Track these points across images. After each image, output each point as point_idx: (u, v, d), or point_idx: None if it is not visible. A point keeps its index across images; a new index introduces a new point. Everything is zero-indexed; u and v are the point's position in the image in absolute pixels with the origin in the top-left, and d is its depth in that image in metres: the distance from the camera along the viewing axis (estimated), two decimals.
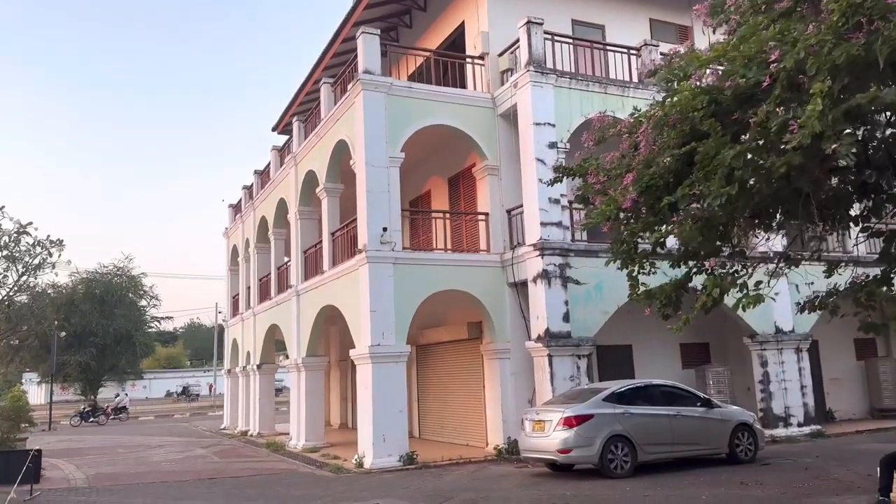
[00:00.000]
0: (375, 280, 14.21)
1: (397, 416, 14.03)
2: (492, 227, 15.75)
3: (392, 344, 14.16)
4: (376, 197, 14.53)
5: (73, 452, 19.70)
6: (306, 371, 18.49)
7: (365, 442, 13.99)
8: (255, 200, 24.86)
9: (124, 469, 15.34)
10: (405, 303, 14.46)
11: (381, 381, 13.96)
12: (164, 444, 22.02)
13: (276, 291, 21.71)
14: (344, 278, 15.69)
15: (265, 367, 23.48)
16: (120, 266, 65.22)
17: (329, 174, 17.09)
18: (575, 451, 11.01)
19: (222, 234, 30.53)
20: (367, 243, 14.27)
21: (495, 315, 15.26)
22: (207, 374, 79.94)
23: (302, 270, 19.20)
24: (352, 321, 15.27)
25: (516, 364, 15.19)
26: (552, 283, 14.17)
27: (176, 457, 17.75)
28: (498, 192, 15.85)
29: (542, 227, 14.32)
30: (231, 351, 28.10)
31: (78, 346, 60.33)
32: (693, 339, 17.65)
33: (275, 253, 22.30)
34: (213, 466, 15.47)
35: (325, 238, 17.18)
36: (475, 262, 15.40)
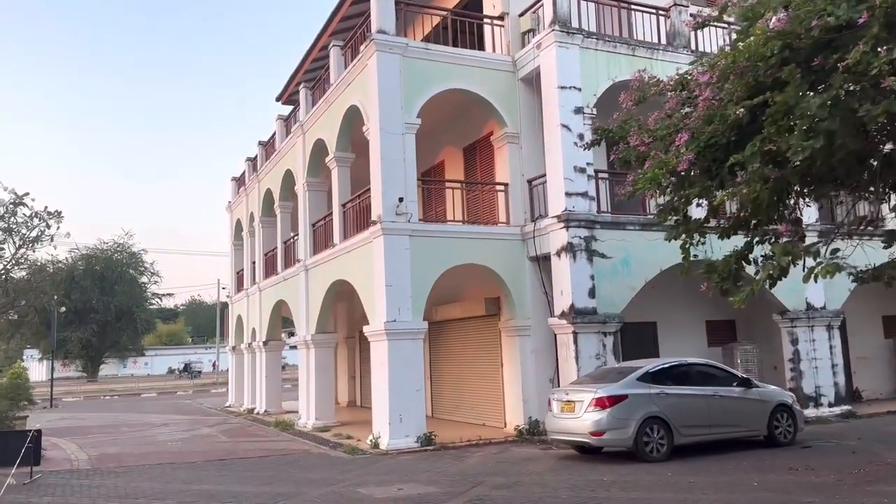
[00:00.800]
0: (391, 253, 13.48)
1: (414, 395, 13.39)
2: (511, 199, 14.98)
3: (408, 320, 13.47)
4: (391, 165, 13.75)
5: (75, 431, 19.13)
6: (316, 348, 17.84)
7: (380, 422, 13.37)
8: (259, 173, 24.04)
9: (129, 449, 14.74)
10: (422, 277, 13.75)
11: (398, 359, 13.30)
12: (169, 422, 21.47)
13: (283, 266, 21.00)
14: (356, 252, 14.97)
15: (271, 344, 22.84)
16: (120, 242, 64.76)
17: (339, 143, 16.27)
18: (608, 434, 10.36)
19: (225, 209, 29.74)
20: (381, 214, 13.51)
21: (515, 290, 14.56)
22: (209, 350, 79.59)
23: (310, 244, 18.47)
24: (365, 297, 14.58)
25: (537, 342, 14.52)
26: (577, 257, 13.43)
27: (182, 436, 17.17)
28: (518, 161, 15.06)
29: (567, 197, 13.56)
30: (235, 327, 27.47)
31: (79, 323, 59.97)
32: (719, 316, 16.99)
33: (281, 227, 21.55)
34: (221, 446, 14.87)
35: (336, 210, 16.42)
36: (494, 235, 14.66)
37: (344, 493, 8.90)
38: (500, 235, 14.68)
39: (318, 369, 17.80)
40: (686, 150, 7.47)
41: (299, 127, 18.92)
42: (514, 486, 8.90)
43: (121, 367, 73.37)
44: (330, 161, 16.63)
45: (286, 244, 21.19)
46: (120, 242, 64.55)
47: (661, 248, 14.23)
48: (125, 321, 63.03)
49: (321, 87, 18.11)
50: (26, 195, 18.02)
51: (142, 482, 10.44)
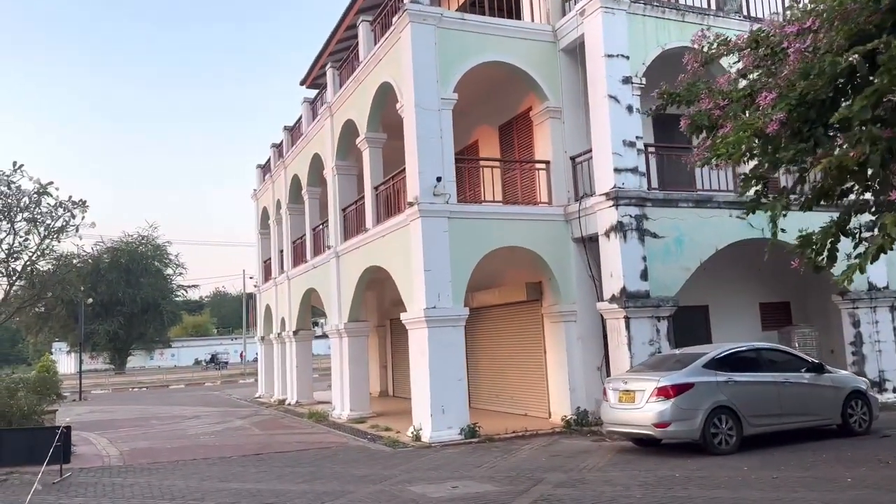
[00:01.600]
0: (429, 236, 12.78)
1: (456, 384, 12.72)
2: (554, 177, 14.19)
3: (449, 306, 12.78)
4: (427, 143, 13.02)
5: (105, 425, 18.76)
6: (349, 337, 17.24)
7: (421, 413, 12.73)
8: (285, 158, 23.43)
9: (161, 443, 14.27)
10: (462, 261, 13.04)
11: (438, 347, 12.63)
12: (200, 414, 21.06)
13: (313, 254, 20.41)
14: (391, 236, 14.29)
15: (301, 334, 22.31)
16: (144, 235, 64.88)
17: (370, 122, 15.56)
18: (673, 426, 9.60)
19: (251, 197, 29.23)
20: (418, 195, 12.80)
21: (559, 274, 13.80)
22: (235, 342, 79.83)
23: (341, 230, 17.84)
24: (402, 283, 13.91)
25: (583, 328, 13.77)
26: (628, 237, 12.63)
27: (214, 429, 16.69)
28: (561, 137, 14.24)
29: (616, 173, 12.74)
30: (264, 317, 27.01)
31: (105, 316, 60.26)
32: (773, 298, 16.09)
33: (309, 213, 20.93)
34: (255, 440, 14.35)
35: (368, 193, 15.74)
36: (536, 216, 13.89)
37: (395, 493, 8.26)
38: (542, 216, 13.91)
39: (352, 359, 17.21)
40: (774, 109, 6.63)
41: (327, 109, 18.24)
42: (578, 483, 8.19)
43: (148, 358, 73.77)
44: (360, 142, 15.93)
45: (315, 231, 20.58)
46: (144, 235, 64.72)
47: (716, 227, 13.48)
48: (151, 313, 63.27)
49: (349, 67, 17.39)
50: (50, 184, 17.49)
51: (176, 480, 9.90)
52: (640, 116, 13.15)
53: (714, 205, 13.50)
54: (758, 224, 13.79)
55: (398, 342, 23.42)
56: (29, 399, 11.82)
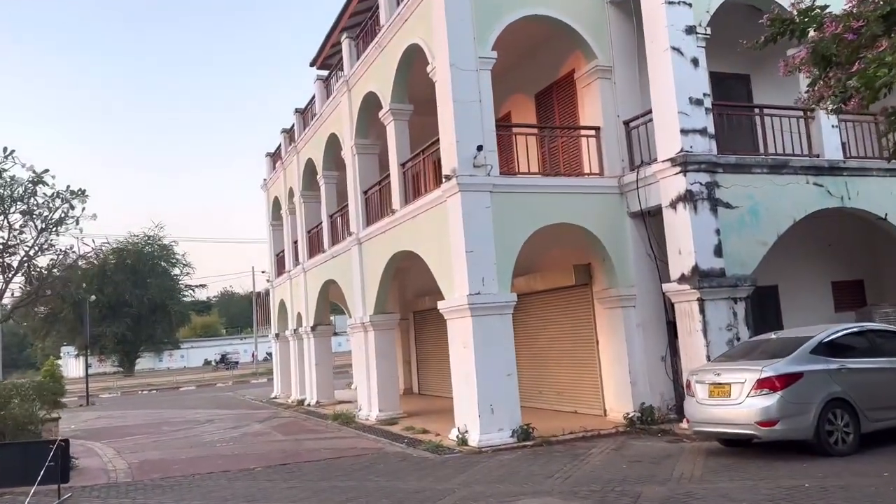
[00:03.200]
0: (470, 213, 11.27)
1: (506, 380, 11.23)
2: (605, 145, 12.64)
3: (495, 292, 11.28)
4: (465, 108, 11.49)
5: (113, 432, 17.35)
6: (375, 331, 15.76)
7: (467, 413, 11.24)
8: (297, 143, 21.93)
9: (174, 453, 12.83)
10: (507, 240, 11.54)
11: (485, 339, 11.14)
12: (214, 418, 19.64)
13: (331, 242, 18.92)
14: (423, 216, 12.79)
15: (320, 329, 20.84)
16: (151, 235, 63.57)
17: (395, 92, 14.05)
18: (782, 423, 8.07)
19: (260, 188, 27.77)
20: (456, 168, 11.28)
21: (615, 253, 12.27)
22: (245, 341, 78.61)
23: (363, 214, 16.34)
24: (437, 268, 12.41)
25: (644, 313, 12.26)
26: (699, 208, 11.07)
27: (232, 434, 15.24)
28: (612, 99, 12.69)
29: (683, 135, 11.17)
30: (278, 313, 25.55)
31: (113, 318, 59.00)
32: (845, 276, 14.51)
33: (326, 199, 19.43)
34: (279, 446, 12.88)
35: (394, 171, 14.22)
36: (588, 189, 12.34)
37: None
38: (593, 189, 12.37)
39: (379, 355, 15.73)
40: None
41: (344, 83, 16.72)
42: (687, 499, 6.67)
43: (157, 360, 72.60)
44: (384, 115, 14.41)
45: (332, 218, 19.09)
46: (150, 234, 63.41)
47: (793, 195, 11.94)
48: (159, 314, 61.99)
49: (368, 35, 15.86)
50: (46, 172, 15.92)
51: (194, 499, 8.44)
52: (706, 71, 11.59)
53: (790, 170, 11.94)
54: (836, 192, 12.32)
55: (423, 336, 21.95)
56: (24, 408, 10.38)
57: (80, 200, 17.30)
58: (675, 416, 11.86)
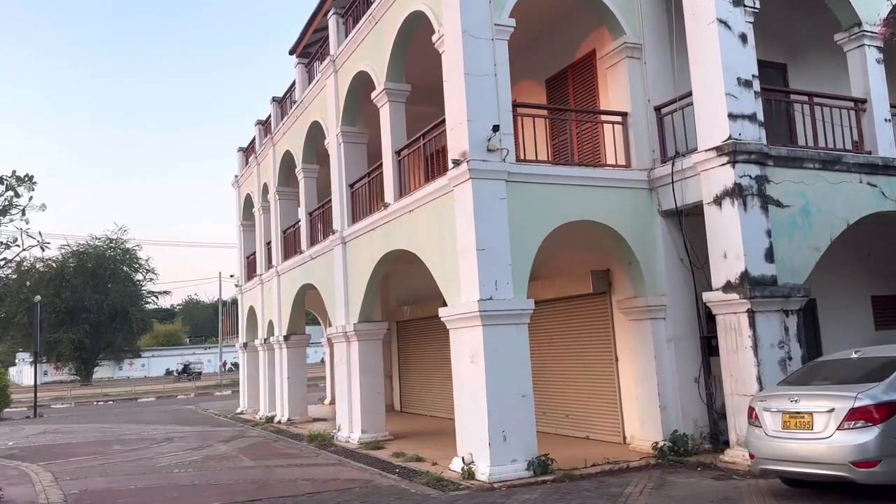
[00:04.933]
0: (483, 203, 9.59)
1: (521, 402, 9.53)
2: (633, 133, 11.09)
3: (510, 297, 9.61)
4: (478, 83, 9.84)
5: (56, 451, 15.20)
6: (360, 342, 13.95)
7: (473, 441, 9.50)
8: (274, 135, 20.07)
9: (122, 481, 10.83)
10: (524, 237, 9.89)
11: (497, 352, 9.44)
12: (173, 435, 17.55)
13: (310, 243, 17.09)
14: (422, 210, 11.09)
15: (294, 339, 18.92)
16: (113, 238, 60.72)
17: (391, 70, 12.38)
18: (885, 464, 6.48)
19: (231, 185, 25.77)
20: (467, 151, 9.61)
21: (643, 257, 10.69)
22: (209, 351, 75.73)
23: (348, 210, 14.57)
24: (439, 269, 10.71)
25: (675, 327, 10.68)
26: (749, 205, 9.53)
27: (192, 457, 13.24)
28: (641, 82, 11.16)
29: (732, 120, 9.65)
30: (247, 320, 23.53)
31: (70, 323, 55.92)
32: (886, 290, 13.13)
33: (305, 195, 17.59)
34: (247, 474, 10.97)
35: (388, 160, 12.51)
36: (613, 182, 10.74)
37: None
38: (620, 182, 10.78)
39: (364, 368, 13.92)
40: None
41: (330, 64, 14.97)
42: None
43: (116, 369, 69.35)
44: (378, 96, 12.71)
45: (312, 216, 17.26)
46: (113, 238, 60.57)
47: (847, 195, 10.51)
48: (119, 321, 59.05)
49: (360, 8, 14.14)
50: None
51: None
52: (754, 50, 10.12)
53: (843, 167, 10.48)
54: (891, 194, 10.92)
55: (407, 348, 20.17)
56: None
57: (26, 187, 15.20)
58: (710, 447, 10.31)
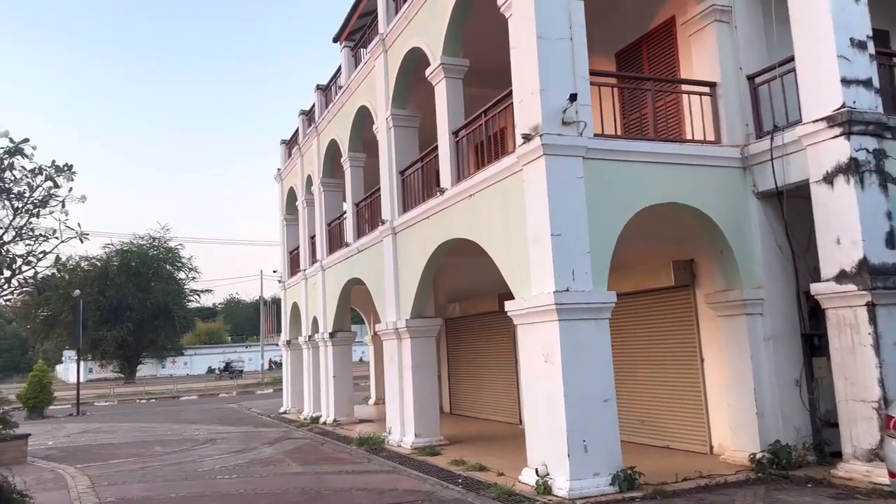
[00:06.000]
0: (558, 184, 8.52)
1: (603, 408, 8.42)
2: (723, 105, 9.88)
3: (588, 289, 8.51)
4: (552, 48, 8.77)
5: (95, 452, 14.60)
6: (412, 339, 12.99)
7: (549, 451, 8.43)
8: (318, 124, 19.27)
9: (162, 488, 10.06)
10: (604, 222, 8.79)
11: (576, 350, 8.35)
12: (216, 436, 16.86)
13: (356, 235, 16.22)
14: (485, 194, 10.07)
15: (340, 336, 18.08)
16: (156, 237, 61.09)
17: (448, 43, 11.41)
18: None
19: (274, 178, 25.09)
20: (540, 124, 8.55)
21: (737, 244, 9.49)
22: (250, 348, 75.98)
23: (399, 199, 13.63)
24: (505, 258, 9.66)
25: (772, 323, 9.44)
26: (866, 183, 8.27)
27: (237, 461, 12.45)
28: (731, 48, 9.96)
29: (845, 86, 8.39)
30: (291, 317, 22.81)
31: (114, 321, 56.35)
32: None
33: (352, 185, 16.74)
34: (296, 482, 10.09)
35: (445, 142, 11.52)
36: (701, 160, 9.54)
37: None
38: (709, 160, 9.58)
39: (416, 367, 12.95)
40: None
41: (379, 43, 14.05)
42: None
43: (159, 367, 69.99)
44: (433, 73, 11.74)
45: (359, 206, 16.38)
46: (156, 237, 60.95)
47: None
48: (162, 319, 59.40)
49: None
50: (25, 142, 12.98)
51: None
52: (867, 7, 8.85)
53: None
54: None
55: (457, 347, 19.15)
56: None
57: (66, 178, 14.41)
58: (815, 459, 9.08)
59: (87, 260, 58.44)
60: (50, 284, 17.40)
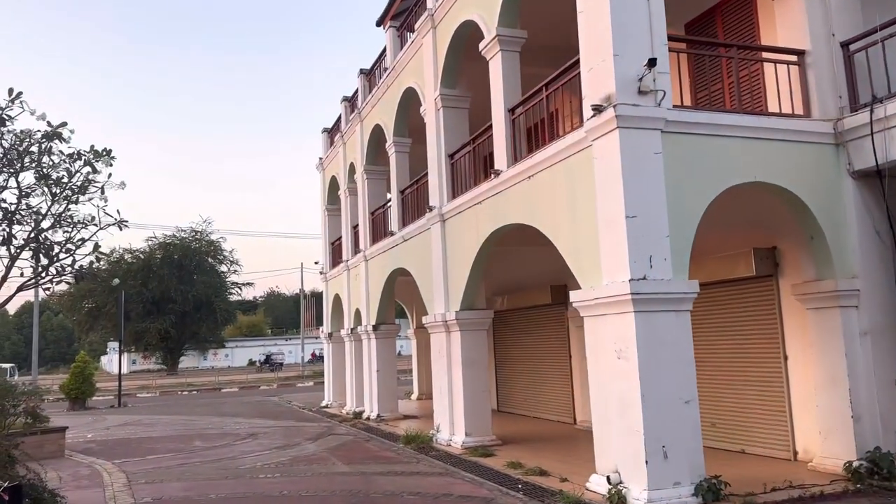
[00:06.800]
0: (633, 159, 7.67)
1: (684, 410, 7.54)
2: (813, 75, 8.88)
3: (668, 277, 7.64)
4: (627, 7, 7.90)
5: (134, 446, 14.23)
6: (462, 332, 12.24)
7: (623, 456, 7.60)
8: (361, 109, 18.63)
9: (202, 488, 9.52)
10: (685, 202, 7.90)
11: (653, 346, 7.49)
12: (257, 431, 16.40)
13: (402, 223, 15.53)
14: (547, 174, 9.25)
15: (383, 329, 17.44)
16: (198, 230, 61.60)
17: (504, 14, 10.62)
18: None
19: (316, 167, 24.59)
20: (613, 93, 7.69)
21: (830, 229, 8.50)
22: (290, 341, 76.30)
23: (448, 184, 12.89)
24: (570, 244, 8.83)
25: (870, 317, 8.45)
26: None
27: (278, 458, 11.90)
28: (822, 13, 8.94)
29: None
30: (332, 309, 22.28)
31: (157, 313, 57.00)
32: None
33: (397, 171, 16.05)
34: (343, 484, 9.44)
35: (500, 120, 10.71)
36: (790, 135, 8.57)
37: None
38: (798, 135, 8.60)
39: (467, 362, 12.20)
40: None
41: (428, 19, 13.30)
42: None
43: (201, 359, 70.69)
44: (488, 46, 10.94)
45: (404, 194, 15.69)
46: (198, 230, 61.46)
47: None
48: (204, 311, 59.90)
49: None
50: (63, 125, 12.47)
51: None
52: None
53: None
54: None
55: (504, 342, 18.36)
56: None
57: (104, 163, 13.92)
58: None
59: (130, 252, 59.33)
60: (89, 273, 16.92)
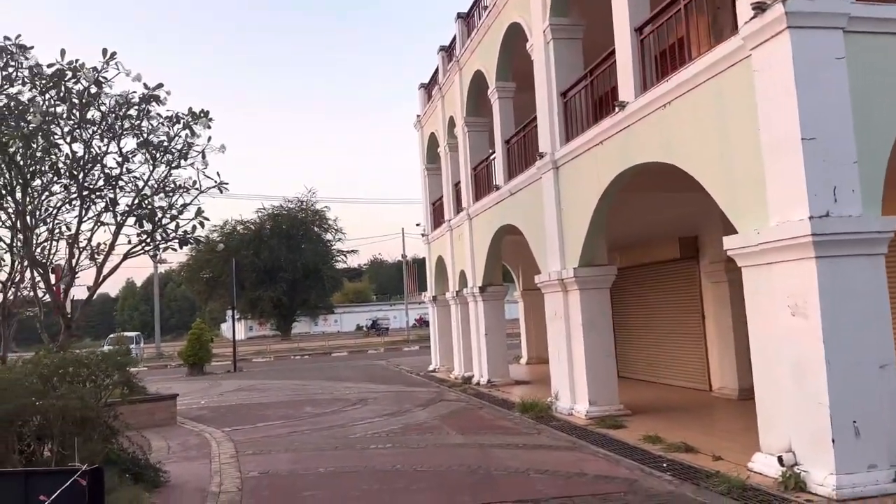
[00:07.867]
0: (809, 67, 6.09)
1: (879, 377, 6.03)
2: None
3: (857, 213, 6.07)
4: None
5: (245, 413, 14.05)
6: (581, 291, 10.99)
7: (798, 433, 6.20)
8: (460, 57, 17.39)
9: (311, 460, 8.91)
10: (877, 119, 6.26)
11: (840, 299, 6.00)
12: (366, 396, 15.92)
13: (507, 176, 14.31)
14: (688, 98, 7.79)
15: (491, 291, 16.41)
16: (304, 200, 63.02)
17: None
18: None
19: (413, 125, 23.69)
20: None
21: None
22: (395, 307, 77.36)
23: (561, 127, 11.51)
24: (721, 178, 7.37)
25: None
26: None
27: (389, 426, 11.21)
28: None
29: None
30: (436, 272, 21.50)
31: (269, 282, 59.04)
32: None
33: (501, 120, 14.77)
34: (460, 457, 8.56)
35: (627, 43, 9.21)
36: None
37: None
38: None
39: (588, 325, 10.96)
40: None
41: None
42: None
43: (312, 324, 72.93)
44: None
45: (510, 143, 14.43)
46: (304, 200, 62.92)
47: None
48: (313, 279, 61.59)
49: None
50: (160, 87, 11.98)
51: None
52: None
53: None
54: None
55: (623, 303, 16.82)
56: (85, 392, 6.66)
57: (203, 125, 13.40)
58: None
59: (242, 223, 61.60)
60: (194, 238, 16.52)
